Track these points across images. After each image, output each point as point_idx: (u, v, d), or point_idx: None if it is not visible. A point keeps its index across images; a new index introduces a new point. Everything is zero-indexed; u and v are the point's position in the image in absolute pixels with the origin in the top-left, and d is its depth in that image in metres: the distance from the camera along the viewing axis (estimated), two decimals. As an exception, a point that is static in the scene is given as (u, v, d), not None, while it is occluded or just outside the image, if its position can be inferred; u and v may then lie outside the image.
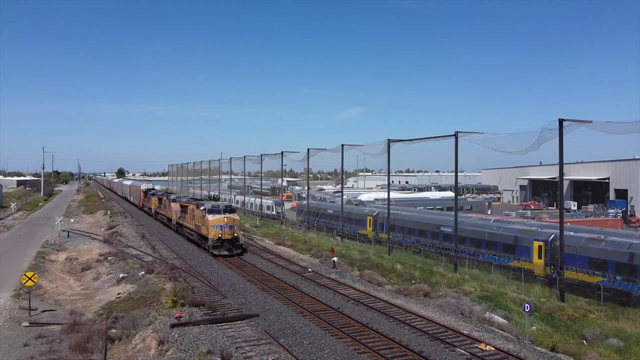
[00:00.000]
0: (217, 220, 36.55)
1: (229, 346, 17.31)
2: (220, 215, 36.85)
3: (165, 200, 56.08)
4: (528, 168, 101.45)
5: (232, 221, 37.06)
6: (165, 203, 55.49)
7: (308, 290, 26.51)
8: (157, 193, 66.12)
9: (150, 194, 69.79)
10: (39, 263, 34.12)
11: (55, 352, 17.76)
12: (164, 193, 63.54)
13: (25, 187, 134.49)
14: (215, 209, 37.53)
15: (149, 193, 71.52)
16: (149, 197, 69.74)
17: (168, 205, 53.04)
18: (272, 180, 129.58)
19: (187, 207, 44.91)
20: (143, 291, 25.07)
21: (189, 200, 47.92)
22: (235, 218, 37.56)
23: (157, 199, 62.09)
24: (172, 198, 53.00)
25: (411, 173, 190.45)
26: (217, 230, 36.36)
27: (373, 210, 49.71)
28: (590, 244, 27.96)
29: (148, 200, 69.79)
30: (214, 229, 36.28)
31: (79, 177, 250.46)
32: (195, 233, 41.05)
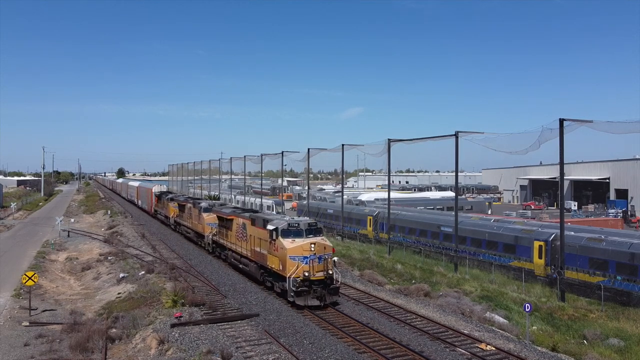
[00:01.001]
0: (298, 247, 22.74)
1: (229, 346, 17.30)
2: (303, 240, 23.00)
3: (191, 209, 43.48)
4: (528, 168, 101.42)
5: (322, 249, 23.15)
6: (192, 213, 42.94)
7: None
8: (178, 198, 52.44)
9: (166, 198, 56.17)
10: (39, 263, 34.12)
11: (56, 351, 17.77)
12: (187, 198, 49.47)
13: (25, 187, 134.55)
14: (294, 229, 23.69)
15: (164, 197, 58.13)
16: (164, 202, 57.22)
17: (197, 216, 40.53)
18: (272, 180, 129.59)
19: (231, 222, 31.38)
20: (143, 291, 25.07)
21: (234, 211, 32.97)
22: (326, 244, 23.70)
23: (176, 205, 50.64)
24: (202, 206, 39.87)
25: (411, 173, 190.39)
26: (300, 264, 22.59)
27: (373, 210, 49.70)
28: (591, 244, 27.94)
29: (164, 207, 57.19)
30: (294, 263, 22.57)
31: (79, 177, 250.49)
32: (254, 263, 27.28)
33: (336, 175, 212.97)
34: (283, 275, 23.08)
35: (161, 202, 59.92)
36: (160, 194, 62.41)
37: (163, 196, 59.49)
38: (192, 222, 42.82)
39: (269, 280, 25.66)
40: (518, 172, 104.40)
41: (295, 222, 24.40)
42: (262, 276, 26.41)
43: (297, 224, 23.96)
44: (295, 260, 22.58)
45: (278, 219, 25.63)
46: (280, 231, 23.74)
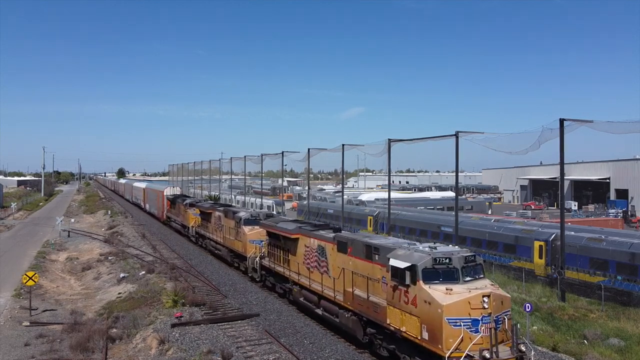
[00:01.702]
0: (459, 303, 13.12)
1: (229, 346, 17.31)
2: (464, 289, 13.64)
3: (221, 219, 33.60)
4: (528, 168, 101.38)
5: (500, 304, 13.78)
6: (224, 224, 32.91)
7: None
8: (201, 205, 42.10)
9: (183, 204, 46.50)
10: (39, 263, 34.13)
11: (56, 351, 17.79)
12: (213, 205, 40.40)
13: (25, 187, 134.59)
14: (442, 268, 14.09)
15: (180, 202, 48.77)
16: (180, 207, 48.00)
17: (235, 230, 30.70)
18: (272, 180, 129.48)
19: (296, 243, 22.42)
20: (143, 291, 25.08)
21: (300, 227, 23.06)
22: (501, 294, 14.45)
23: (198, 213, 41.58)
24: (243, 218, 29.89)
25: (411, 173, 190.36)
26: (467, 334, 12.99)
27: (373, 210, 49.71)
28: (591, 244, 27.93)
29: (180, 213, 48.37)
30: (455, 331, 12.98)
31: (80, 177, 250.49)
32: (353, 314, 17.55)
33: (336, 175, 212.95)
34: (429, 350, 13.56)
35: (176, 207, 50.81)
36: (174, 198, 53.02)
37: (178, 200, 50.06)
38: (223, 236, 33.20)
39: (400, 355, 15.21)
40: (518, 172, 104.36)
41: (442, 251, 14.66)
42: (379, 344, 16.29)
43: (447, 258, 14.14)
44: (456, 325, 12.95)
45: (394, 243, 16.59)
46: (418, 270, 13.91)
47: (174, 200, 52.31)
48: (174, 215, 51.58)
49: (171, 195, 56.27)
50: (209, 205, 39.84)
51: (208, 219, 37.93)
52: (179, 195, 56.49)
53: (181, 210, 47.47)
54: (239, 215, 30.76)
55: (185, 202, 46.78)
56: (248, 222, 29.49)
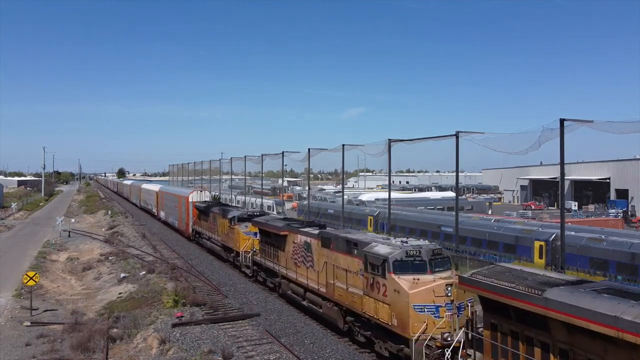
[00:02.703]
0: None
1: (230, 345, 17.33)
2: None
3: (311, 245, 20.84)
4: (529, 168, 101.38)
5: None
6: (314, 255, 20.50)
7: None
8: (268, 223, 26.43)
9: (227, 217, 32.18)
10: (40, 263, 34.15)
11: (57, 351, 17.81)
12: (286, 223, 25.18)
13: (26, 187, 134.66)
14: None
15: (216, 213, 35.59)
16: (218, 221, 34.89)
17: (376, 283, 16.04)
18: (272, 180, 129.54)
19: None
20: (144, 291, 25.11)
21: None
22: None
23: (259, 234, 27.34)
24: (390, 258, 15.60)
25: (412, 173, 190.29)
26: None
27: (374, 210, 49.75)
28: (591, 244, 27.96)
29: (216, 229, 35.27)
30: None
31: (80, 177, 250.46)
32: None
33: (336, 175, 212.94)
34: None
35: (210, 219, 37.32)
36: (207, 207, 39.08)
37: (214, 211, 36.43)
38: (348, 282, 17.76)
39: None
40: (518, 172, 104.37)
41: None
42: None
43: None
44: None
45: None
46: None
47: (206, 210, 38.72)
48: (207, 231, 38.23)
49: (202, 203, 42.21)
50: (276, 225, 24.79)
51: (280, 243, 24.07)
52: (214, 204, 42.60)
53: (222, 226, 33.67)
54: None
55: (229, 214, 32.03)
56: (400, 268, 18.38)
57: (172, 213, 53.04)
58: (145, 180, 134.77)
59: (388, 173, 43.13)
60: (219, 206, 39.35)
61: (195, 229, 42.96)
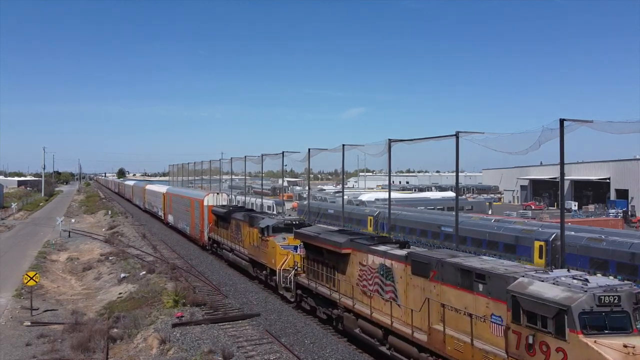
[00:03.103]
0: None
1: (230, 345, 17.35)
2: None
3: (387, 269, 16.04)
4: (529, 168, 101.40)
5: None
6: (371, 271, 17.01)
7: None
8: (311, 233, 21.53)
9: (258, 226, 26.93)
10: (40, 263, 34.18)
11: (57, 351, 17.83)
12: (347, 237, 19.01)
13: (26, 187, 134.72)
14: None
15: (241, 221, 30.67)
16: (242, 228, 30.08)
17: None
18: (272, 180, 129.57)
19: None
20: (144, 291, 25.12)
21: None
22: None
23: (302, 248, 22.77)
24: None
25: (412, 173, 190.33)
26: None
27: (374, 210, 49.77)
28: (591, 244, 27.98)
29: (242, 238, 30.07)
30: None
31: (80, 177, 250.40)
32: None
33: (336, 175, 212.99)
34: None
35: (231, 227, 32.27)
36: (228, 213, 33.18)
37: (237, 218, 31.17)
38: (474, 334, 12.25)
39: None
40: (518, 172, 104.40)
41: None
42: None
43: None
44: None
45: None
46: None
47: (226, 217, 33.06)
48: (228, 241, 32.75)
49: (221, 208, 36.11)
50: (345, 241, 18.72)
51: (337, 264, 19.27)
52: (235, 209, 35.70)
53: (249, 237, 28.13)
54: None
55: (261, 223, 26.25)
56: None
57: (183, 218, 46.91)
58: (148, 181, 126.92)
59: (388, 173, 43.10)
60: (243, 212, 32.37)
61: (213, 237, 36.96)
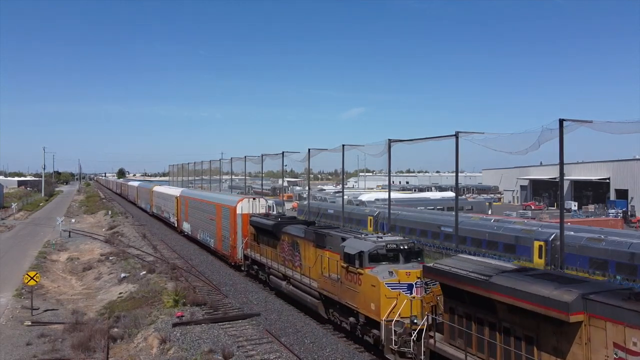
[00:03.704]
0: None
1: (230, 345, 17.38)
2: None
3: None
4: (528, 168, 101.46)
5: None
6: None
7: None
8: (469, 274, 12.87)
9: (327, 246, 19.34)
10: (40, 263, 34.21)
11: (58, 351, 17.87)
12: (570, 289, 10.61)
13: (26, 188, 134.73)
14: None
15: (295, 234, 22.73)
16: (304, 248, 21.56)
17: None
18: (272, 180, 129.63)
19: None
20: (144, 291, 25.16)
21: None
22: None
23: (432, 286, 15.50)
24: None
25: (412, 173, 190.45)
26: None
27: (374, 210, 49.82)
28: (591, 244, 28.03)
29: (303, 262, 21.68)
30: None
31: (80, 177, 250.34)
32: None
33: (336, 175, 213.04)
34: None
35: (281, 245, 24.20)
36: (276, 226, 24.82)
37: (295, 234, 22.97)
38: None
39: None
40: (518, 173, 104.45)
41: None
42: None
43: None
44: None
45: None
46: None
47: (275, 230, 24.64)
48: (277, 262, 24.48)
49: (264, 219, 27.50)
50: (575, 301, 10.23)
51: (538, 331, 11.31)
52: (287, 219, 27.15)
53: (320, 262, 19.85)
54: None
55: (345, 247, 17.77)
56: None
57: (205, 227, 38.79)
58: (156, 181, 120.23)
59: (388, 173, 43.16)
60: (300, 225, 23.80)
61: (251, 255, 28.26)
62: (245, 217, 30.82)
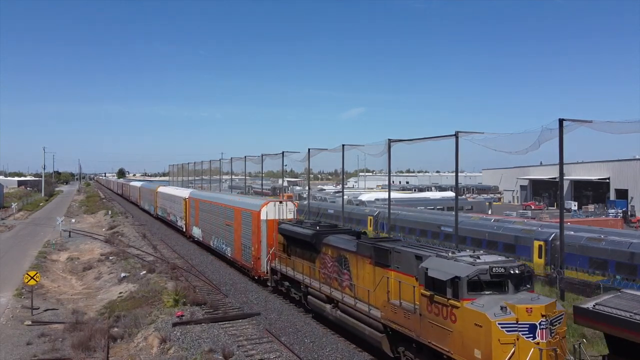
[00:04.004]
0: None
1: (230, 344, 17.40)
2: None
3: None
4: (528, 168, 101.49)
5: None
6: None
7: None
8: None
9: (385, 261, 15.87)
10: (40, 263, 34.22)
11: (58, 350, 17.88)
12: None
13: (26, 188, 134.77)
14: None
15: (343, 248, 18.67)
16: (358, 265, 17.45)
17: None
18: (272, 180, 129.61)
19: None
20: (144, 290, 25.16)
21: None
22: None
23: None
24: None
25: (412, 173, 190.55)
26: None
27: (374, 210, 49.83)
28: (591, 244, 28.04)
29: (350, 281, 17.99)
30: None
31: (80, 177, 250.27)
32: None
33: (336, 175, 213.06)
34: None
35: (321, 259, 20.30)
36: (315, 236, 20.81)
37: (338, 245, 19.20)
38: None
39: None
40: (518, 173, 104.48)
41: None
42: None
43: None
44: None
45: None
46: None
47: (312, 242, 20.87)
48: (317, 280, 20.66)
49: (297, 227, 23.33)
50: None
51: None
52: (327, 227, 22.71)
53: (382, 286, 16.06)
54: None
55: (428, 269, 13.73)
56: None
57: (220, 234, 35.03)
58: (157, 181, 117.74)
59: (388, 173, 43.14)
60: (348, 235, 19.96)
61: (280, 269, 24.35)
62: (271, 223, 27.23)
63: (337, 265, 19.16)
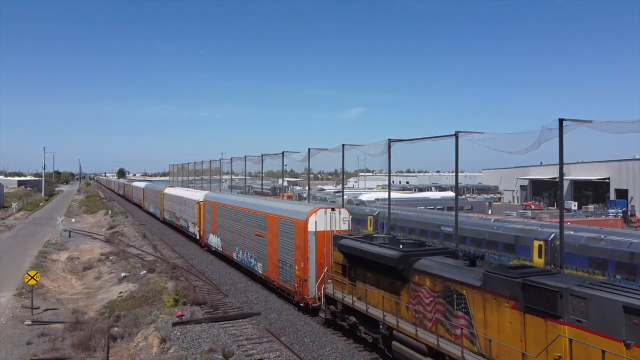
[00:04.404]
0: None
1: (230, 344, 17.41)
2: None
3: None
4: (528, 168, 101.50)
5: None
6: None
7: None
8: None
9: (556, 311, 10.07)
10: (40, 262, 34.23)
11: (58, 350, 17.89)
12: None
13: (26, 187, 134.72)
14: None
15: (449, 277, 13.22)
16: (469, 302, 12.53)
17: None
18: (272, 180, 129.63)
19: None
20: (145, 290, 25.18)
21: None
22: None
23: None
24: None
25: (412, 173, 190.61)
26: None
27: (374, 210, 49.82)
28: (590, 244, 28.05)
29: (473, 330, 12.35)
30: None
31: (80, 177, 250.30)
32: None
33: (336, 175, 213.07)
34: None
35: (409, 289, 14.84)
36: (402, 259, 14.92)
37: (447, 276, 13.41)
38: None
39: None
40: (518, 172, 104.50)
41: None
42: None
43: None
44: None
45: None
46: None
47: (402, 267, 14.95)
48: (391, 314, 15.67)
49: (365, 243, 17.42)
50: None
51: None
52: (418, 249, 16.14)
53: (509, 329, 11.41)
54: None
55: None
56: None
57: (247, 245, 29.42)
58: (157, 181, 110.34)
59: (388, 173, 43.12)
60: (458, 261, 14.52)
61: (339, 297, 18.96)
62: (321, 236, 22.01)
63: (443, 302, 13.59)
